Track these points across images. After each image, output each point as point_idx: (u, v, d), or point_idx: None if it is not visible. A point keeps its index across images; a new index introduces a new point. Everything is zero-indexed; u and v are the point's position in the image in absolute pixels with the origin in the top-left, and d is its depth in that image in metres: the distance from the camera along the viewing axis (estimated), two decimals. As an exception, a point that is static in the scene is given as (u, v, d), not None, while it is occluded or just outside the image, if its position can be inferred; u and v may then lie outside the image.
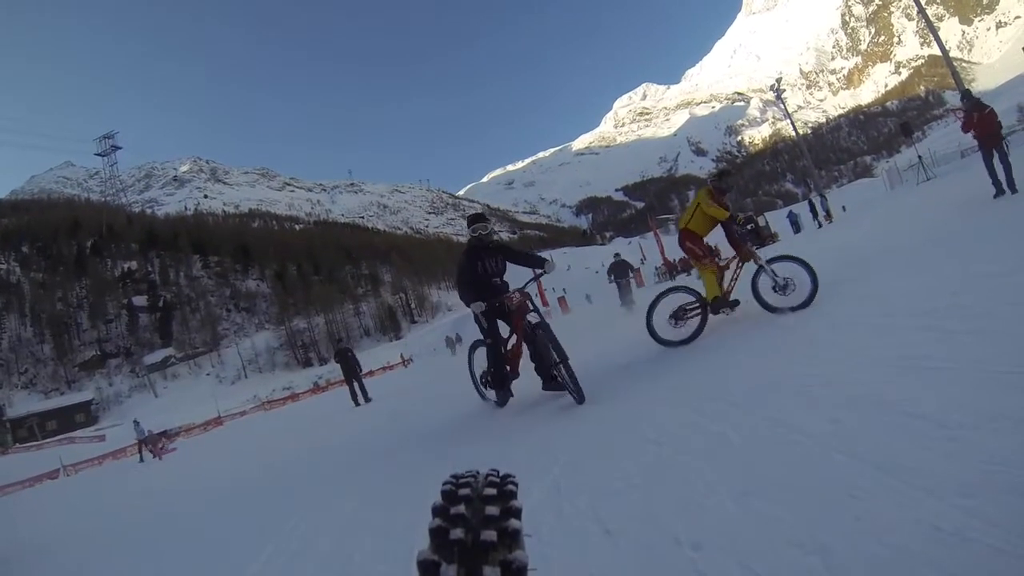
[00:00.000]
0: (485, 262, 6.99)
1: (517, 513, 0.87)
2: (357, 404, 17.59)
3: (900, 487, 2.13)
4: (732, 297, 7.80)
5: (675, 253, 55.48)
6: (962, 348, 3.33)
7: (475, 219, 7.26)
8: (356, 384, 18.23)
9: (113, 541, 6.86)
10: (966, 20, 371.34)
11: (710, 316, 7.71)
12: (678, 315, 7.63)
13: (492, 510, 0.86)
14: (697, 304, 7.60)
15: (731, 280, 7.89)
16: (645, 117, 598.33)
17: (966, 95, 10.84)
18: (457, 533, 0.81)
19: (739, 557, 2.08)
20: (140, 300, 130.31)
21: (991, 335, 3.37)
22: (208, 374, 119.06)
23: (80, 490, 19.21)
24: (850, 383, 3.45)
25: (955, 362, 3.12)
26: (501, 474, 0.98)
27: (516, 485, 0.94)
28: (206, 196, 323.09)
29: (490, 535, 0.81)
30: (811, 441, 2.82)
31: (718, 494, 2.63)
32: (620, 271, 22.45)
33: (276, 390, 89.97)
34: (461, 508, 0.86)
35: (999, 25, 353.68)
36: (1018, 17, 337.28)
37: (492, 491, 0.90)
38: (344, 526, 4.09)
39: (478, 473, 0.99)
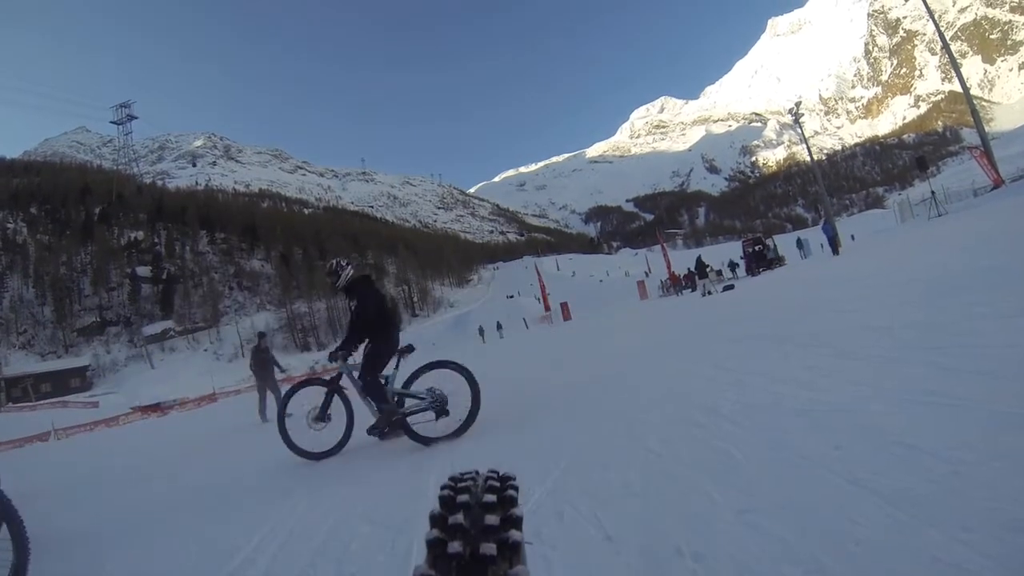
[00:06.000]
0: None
1: (518, 523, 0.81)
2: (265, 420, 14.51)
3: (901, 517, 2.16)
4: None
5: (682, 267, 55.50)
6: (968, 386, 3.35)
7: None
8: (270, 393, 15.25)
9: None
10: (989, 59, 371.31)
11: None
12: None
13: (492, 519, 0.79)
14: None
15: None
16: (661, 130, 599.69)
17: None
18: (455, 547, 0.75)
19: (739, 570, 2.13)
20: (144, 270, 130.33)
21: (996, 375, 3.40)
22: (206, 350, 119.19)
23: None
24: (853, 411, 3.50)
25: (960, 399, 3.15)
26: (501, 474, 0.92)
27: (517, 490, 0.88)
28: (198, 163, 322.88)
29: (490, 548, 0.75)
30: (813, 465, 2.87)
31: (719, 508, 2.68)
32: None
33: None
34: (459, 518, 0.79)
35: (1022, 67, 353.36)
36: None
37: (492, 497, 0.84)
38: None
39: (477, 474, 0.94)
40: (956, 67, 36.62)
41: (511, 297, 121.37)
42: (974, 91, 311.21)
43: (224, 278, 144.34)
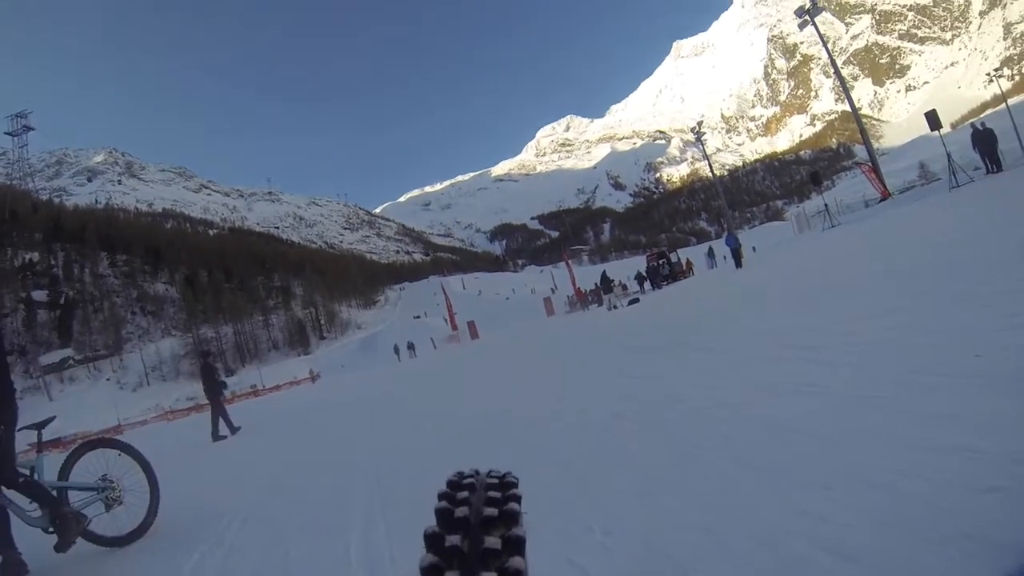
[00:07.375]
0: None
1: (520, 545, 0.63)
2: (219, 436, 14.27)
3: (777, 483, 2.58)
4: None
5: (587, 283, 56.42)
6: (838, 376, 3.92)
7: None
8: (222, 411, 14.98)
9: None
10: (879, 82, 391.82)
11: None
12: None
13: (493, 542, 0.62)
14: None
15: None
16: (567, 148, 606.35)
17: None
18: None
19: (642, 537, 2.48)
20: (40, 295, 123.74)
21: (861, 366, 3.99)
22: (108, 379, 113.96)
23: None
24: (742, 405, 3.97)
25: (831, 387, 3.71)
26: (503, 478, 0.75)
27: (519, 500, 0.70)
28: (98, 180, 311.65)
29: None
30: (705, 452, 3.29)
31: (624, 495, 3.04)
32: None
33: (180, 399, 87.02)
34: (456, 539, 0.63)
35: (908, 88, 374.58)
36: (926, 83, 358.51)
37: (493, 511, 0.66)
38: None
39: (477, 475, 0.76)
40: (846, 89, 38.93)
41: (418, 318, 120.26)
42: (865, 111, 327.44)
43: (127, 302, 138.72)
